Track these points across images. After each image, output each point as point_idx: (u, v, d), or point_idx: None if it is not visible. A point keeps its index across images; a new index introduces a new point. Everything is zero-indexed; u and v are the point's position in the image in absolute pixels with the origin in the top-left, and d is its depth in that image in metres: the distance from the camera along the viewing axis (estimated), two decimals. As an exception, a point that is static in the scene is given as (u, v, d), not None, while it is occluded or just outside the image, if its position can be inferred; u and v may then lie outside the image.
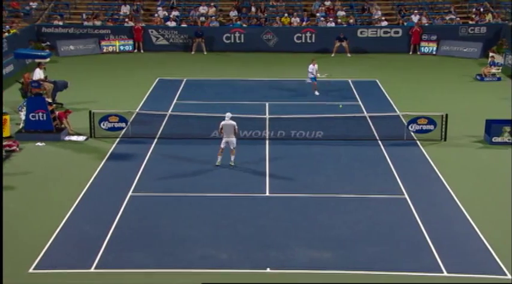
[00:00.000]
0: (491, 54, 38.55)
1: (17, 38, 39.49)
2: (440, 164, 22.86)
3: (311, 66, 32.26)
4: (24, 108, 26.27)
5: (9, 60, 35.75)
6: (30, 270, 15.82)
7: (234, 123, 22.14)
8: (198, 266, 16.03)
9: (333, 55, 42.12)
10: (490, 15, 44.61)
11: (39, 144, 25.00)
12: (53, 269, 15.92)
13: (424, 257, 16.53)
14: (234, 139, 22.18)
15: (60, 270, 15.86)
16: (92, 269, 15.90)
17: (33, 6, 45.78)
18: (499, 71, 36.51)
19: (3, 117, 25.34)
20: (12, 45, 37.32)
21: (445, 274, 15.76)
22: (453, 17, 45.06)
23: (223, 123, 22.16)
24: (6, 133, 25.01)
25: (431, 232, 17.73)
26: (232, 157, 22.37)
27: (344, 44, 42.08)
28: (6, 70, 35.23)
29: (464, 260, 16.49)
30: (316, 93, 32.29)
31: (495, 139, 24.98)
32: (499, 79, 35.76)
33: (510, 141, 24.90)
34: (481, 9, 45.18)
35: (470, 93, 33.28)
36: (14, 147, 24.17)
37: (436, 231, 17.83)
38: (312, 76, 32.24)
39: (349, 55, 41.87)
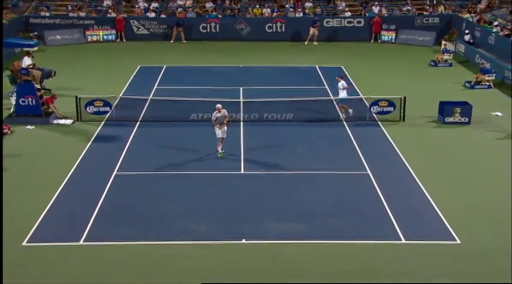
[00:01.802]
0: (443, 42, 38.87)
1: (6, 29, 38.87)
2: (399, 142, 23.01)
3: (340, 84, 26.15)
4: (15, 93, 25.97)
5: (-2, 50, 35.32)
6: (24, 243, 15.82)
7: (226, 113, 21.60)
8: (179, 239, 16.06)
9: (306, 43, 42.01)
10: (442, 7, 44.96)
11: (29, 127, 24.75)
12: (45, 242, 15.91)
13: (385, 227, 16.73)
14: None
15: (51, 243, 15.85)
16: (81, 242, 15.89)
17: (22, -2, 45.23)
18: (451, 57, 36.72)
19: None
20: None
21: (403, 241, 16.02)
22: (410, 8, 45.30)
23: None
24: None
25: (391, 204, 17.92)
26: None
27: (316, 31, 41.83)
28: (-3, 58, 34.86)
29: (420, 228, 16.76)
30: (343, 115, 25.78)
31: (447, 119, 25.21)
32: (450, 65, 35.98)
33: (461, 120, 25.17)
34: (434, 1, 45.52)
35: (425, 77, 33.44)
36: (6, 130, 23.92)
37: (396, 203, 18.01)
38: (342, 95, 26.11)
39: (315, 43, 41.82)
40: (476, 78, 31.31)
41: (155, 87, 30.92)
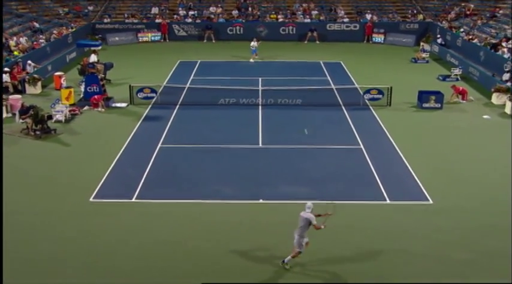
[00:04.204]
0: (421, 43, 38.50)
1: (78, 33, 39.16)
2: (386, 123, 22.74)
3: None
4: (83, 83, 26.04)
5: (72, 49, 35.65)
6: (91, 199, 15.97)
7: (310, 216, 12.30)
8: (210, 198, 16.01)
9: (305, 42, 41.62)
10: (421, 15, 44.30)
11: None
12: (107, 199, 16.01)
13: (373, 190, 16.58)
14: (296, 236, 12.41)
15: (111, 200, 15.95)
16: (133, 200, 15.97)
17: (90, 9, 45.36)
18: (427, 55, 36.23)
19: (69, 90, 25.27)
20: (75, 38, 37.15)
21: (388, 201, 15.91)
22: (395, 16, 44.65)
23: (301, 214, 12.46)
24: (71, 101, 24.84)
25: (379, 172, 17.75)
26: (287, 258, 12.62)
27: (314, 34, 41.67)
28: (71, 56, 35.17)
29: (401, 191, 16.60)
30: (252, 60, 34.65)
31: (425, 104, 24.90)
32: (427, 62, 35.42)
33: (435, 106, 24.85)
34: (415, 11, 44.90)
35: (407, 71, 32.98)
36: (76, 112, 24.01)
37: (382, 171, 17.84)
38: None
39: (318, 42, 41.43)
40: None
41: (191, 77, 30.73)
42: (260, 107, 24.76)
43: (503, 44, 31.45)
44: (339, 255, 13.19)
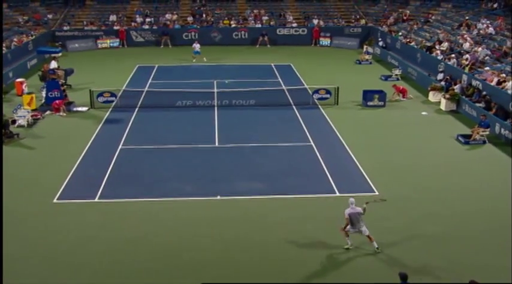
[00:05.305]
0: (365, 46, 39.03)
1: (39, 40, 38.09)
2: (334, 121, 22.99)
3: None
4: (45, 88, 25.40)
5: (33, 56, 34.72)
6: (54, 200, 15.63)
7: (360, 209, 13.13)
8: (170, 196, 15.88)
9: (257, 46, 41.66)
10: (363, 20, 45.02)
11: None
12: (70, 199, 15.68)
13: (324, 184, 16.75)
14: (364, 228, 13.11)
15: (74, 200, 15.63)
16: (96, 200, 15.70)
17: (50, 17, 44.14)
18: (370, 57, 36.79)
19: (31, 95, 24.67)
20: (35, 45, 36.08)
21: (338, 194, 16.10)
22: (340, 20, 45.23)
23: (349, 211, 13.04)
24: (32, 106, 24.15)
25: (329, 167, 17.94)
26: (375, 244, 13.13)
27: (265, 38, 41.82)
28: (32, 63, 34.25)
29: (350, 184, 16.79)
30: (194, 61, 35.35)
31: (369, 103, 25.25)
32: (370, 63, 35.91)
33: (378, 104, 25.24)
34: (357, 16, 45.60)
35: (352, 72, 33.39)
36: (39, 116, 23.39)
37: (332, 166, 18.03)
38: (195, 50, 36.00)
39: (269, 46, 41.57)
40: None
41: (149, 81, 30.29)
42: (216, 108, 24.65)
43: (437, 46, 32.39)
44: (293, 244, 13.28)
